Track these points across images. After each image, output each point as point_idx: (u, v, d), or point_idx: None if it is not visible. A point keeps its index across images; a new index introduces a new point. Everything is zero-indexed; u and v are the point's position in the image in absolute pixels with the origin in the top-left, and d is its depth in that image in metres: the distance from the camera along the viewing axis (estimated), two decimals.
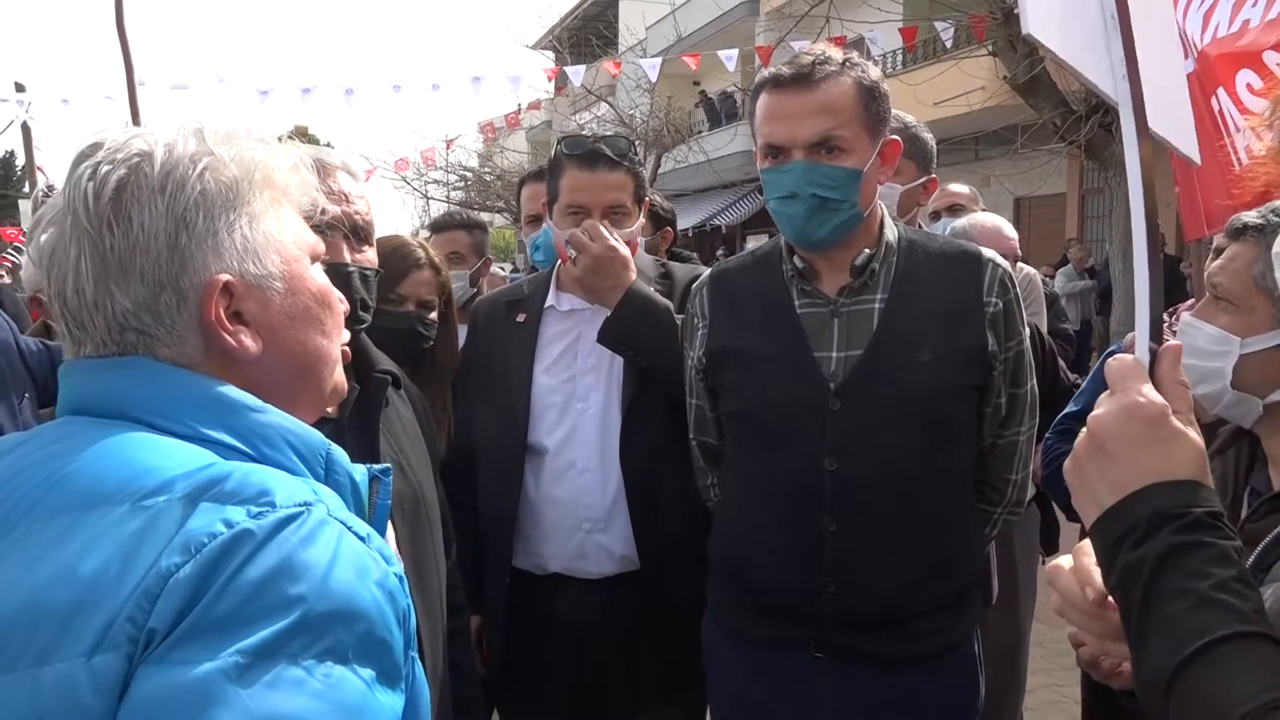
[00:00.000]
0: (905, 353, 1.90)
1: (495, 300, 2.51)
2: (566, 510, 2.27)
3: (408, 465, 1.74)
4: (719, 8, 20.85)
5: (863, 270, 1.95)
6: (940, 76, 12.84)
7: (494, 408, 2.35)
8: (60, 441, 0.91)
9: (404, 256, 2.32)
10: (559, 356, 2.36)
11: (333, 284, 1.03)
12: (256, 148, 1.00)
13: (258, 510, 0.81)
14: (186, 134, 0.96)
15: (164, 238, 0.92)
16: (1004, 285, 1.95)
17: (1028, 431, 2.05)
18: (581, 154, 2.27)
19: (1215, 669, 0.87)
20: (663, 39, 22.11)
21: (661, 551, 2.26)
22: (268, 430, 0.94)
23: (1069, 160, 13.33)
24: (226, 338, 0.94)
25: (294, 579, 0.79)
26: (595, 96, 20.73)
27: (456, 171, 26.26)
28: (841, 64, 1.90)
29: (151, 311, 0.93)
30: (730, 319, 2.06)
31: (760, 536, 1.97)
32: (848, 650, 1.91)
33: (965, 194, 4.19)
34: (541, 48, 26.48)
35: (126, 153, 0.94)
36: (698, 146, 21.70)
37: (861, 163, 1.89)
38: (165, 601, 0.76)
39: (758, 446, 2.01)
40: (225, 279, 0.94)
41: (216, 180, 0.95)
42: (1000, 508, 2.08)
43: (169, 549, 0.78)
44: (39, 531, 0.83)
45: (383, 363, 1.80)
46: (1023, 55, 8.92)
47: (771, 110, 1.91)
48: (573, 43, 25.01)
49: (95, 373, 0.94)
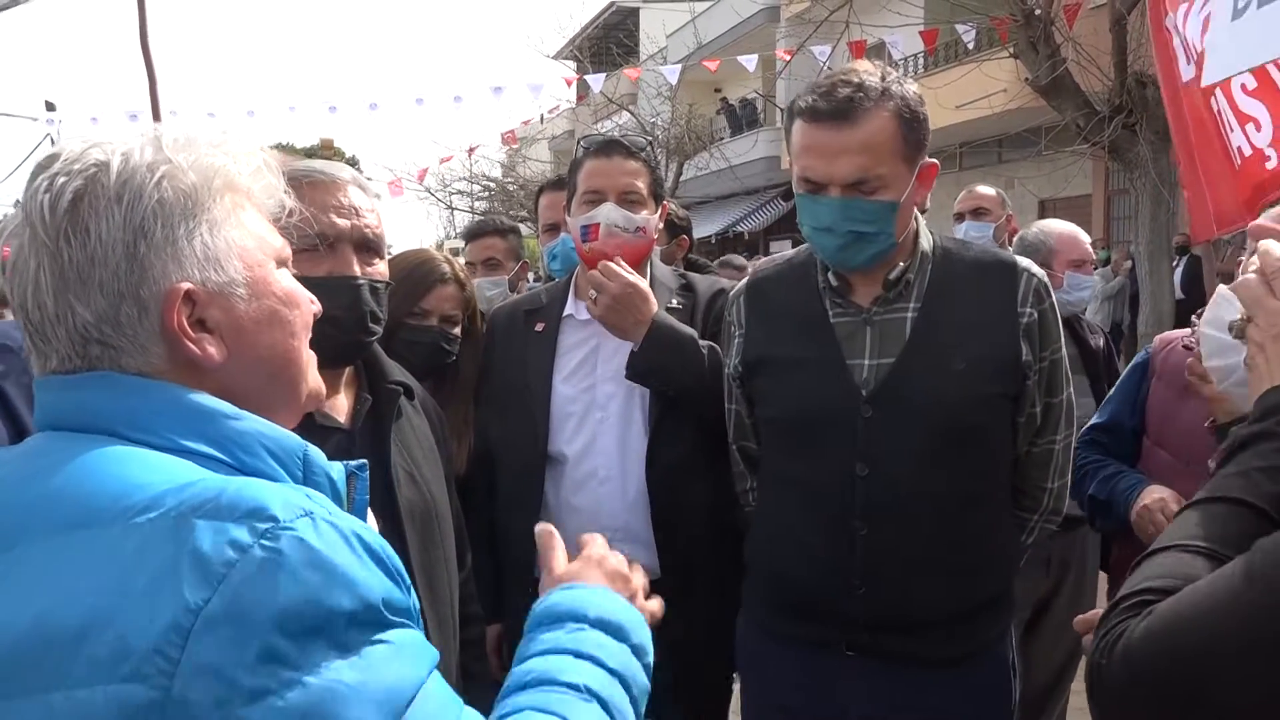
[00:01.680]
0: (938, 361, 1.90)
1: (514, 309, 2.52)
2: (586, 519, 2.27)
3: (419, 476, 1.75)
4: (738, 15, 20.88)
5: (896, 283, 1.96)
6: (962, 79, 12.79)
7: (513, 417, 2.36)
8: (43, 458, 0.91)
9: (429, 271, 2.33)
10: (578, 365, 2.36)
11: (343, 297, 1.03)
12: (215, 154, 0.98)
13: (263, 528, 0.81)
14: (144, 143, 0.96)
15: (122, 248, 0.91)
16: (1039, 294, 1.95)
17: (1064, 439, 2.04)
18: (599, 145, 2.35)
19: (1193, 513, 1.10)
20: (683, 47, 22.14)
21: (683, 561, 2.26)
22: (244, 437, 0.93)
23: (1093, 162, 13.22)
24: (190, 346, 0.94)
25: (326, 588, 0.81)
26: (617, 105, 20.78)
27: (480, 182, 26.42)
28: (881, 93, 1.85)
29: (113, 323, 0.92)
30: (765, 327, 2.08)
31: (793, 538, 2.01)
32: (877, 650, 1.93)
33: (991, 196, 4.13)
34: (563, 58, 26.60)
35: (83, 163, 0.93)
36: (719, 153, 21.70)
37: (899, 195, 1.88)
38: (204, 639, 0.76)
39: (791, 452, 2.03)
40: (186, 287, 0.93)
41: (175, 188, 0.94)
42: (1037, 515, 2.08)
43: (188, 580, 0.78)
44: (35, 554, 0.83)
45: (395, 374, 1.81)
46: (1044, 57, 8.86)
47: (808, 144, 1.89)
48: (594, 52, 25.09)
49: (65, 390, 0.94)
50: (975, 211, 4.07)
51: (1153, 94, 8.50)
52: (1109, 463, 2.52)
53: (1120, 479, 2.43)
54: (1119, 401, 2.57)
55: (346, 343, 1.67)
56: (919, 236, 2.00)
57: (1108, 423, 2.59)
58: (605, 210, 2.27)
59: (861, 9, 10.68)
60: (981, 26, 11.07)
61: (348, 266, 1.68)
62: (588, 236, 2.31)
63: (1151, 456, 2.47)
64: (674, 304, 2.37)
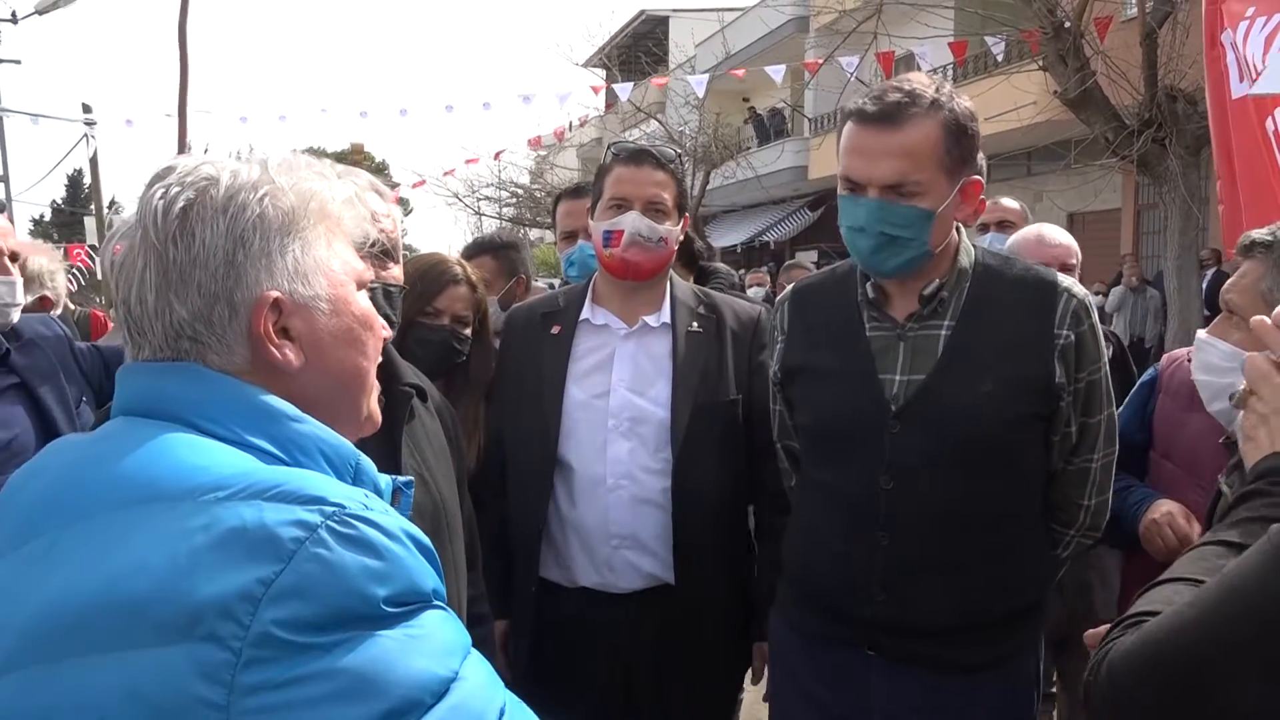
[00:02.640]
0: (968, 381, 1.91)
1: (531, 311, 2.54)
2: (594, 525, 2.29)
3: (430, 477, 1.79)
4: (766, 25, 20.86)
5: (931, 299, 1.97)
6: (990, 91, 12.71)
7: (525, 418, 2.39)
8: (118, 440, 0.98)
9: (441, 273, 2.38)
10: (592, 370, 2.38)
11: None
12: (314, 179, 1.08)
13: (330, 511, 0.89)
14: (252, 163, 1.05)
15: (222, 254, 1.00)
16: (1078, 316, 1.94)
17: (1103, 458, 2.03)
18: (630, 153, 2.39)
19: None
20: (712, 56, 22.17)
21: (696, 570, 2.28)
22: (304, 440, 1.00)
23: (1123, 175, 13.11)
24: (273, 350, 1.02)
25: (384, 569, 0.88)
26: (645, 114, 20.83)
27: (508, 188, 26.55)
28: (930, 103, 1.87)
29: (205, 321, 1.00)
30: (805, 335, 2.12)
31: (820, 541, 2.05)
32: (898, 652, 1.97)
33: (1015, 209, 4.13)
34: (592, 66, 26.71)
35: (195, 176, 1.02)
36: (746, 162, 21.70)
37: (936, 204, 1.89)
38: (273, 608, 0.83)
39: (822, 458, 2.08)
40: (275, 295, 1.01)
41: (275, 206, 1.03)
42: (1074, 529, 2.08)
43: (259, 555, 0.85)
44: (104, 525, 0.90)
45: (408, 376, 1.84)
46: (1073, 70, 8.80)
47: (853, 144, 1.92)
48: (622, 61, 25.17)
49: (151, 375, 1.02)
50: (1000, 224, 4.07)
51: (1183, 108, 8.44)
52: (1119, 476, 2.50)
53: (1129, 493, 2.43)
54: (1128, 417, 2.57)
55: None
56: (959, 252, 2.00)
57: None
58: (630, 219, 2.30)
59: (890, 20, 10.67)
60: (1011, 38, 11.01)
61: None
62: (609, 242, 2.33)
63: (1159, 469, 2.47)
64: (694, 327, 2.38)
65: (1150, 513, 2.32)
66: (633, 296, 2.40)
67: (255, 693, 0.82)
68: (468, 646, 0.95)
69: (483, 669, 0.95)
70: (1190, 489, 2.26)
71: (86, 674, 0.83)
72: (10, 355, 2.44)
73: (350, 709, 0.84)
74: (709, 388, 2.33)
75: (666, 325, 2.39)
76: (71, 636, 0.85)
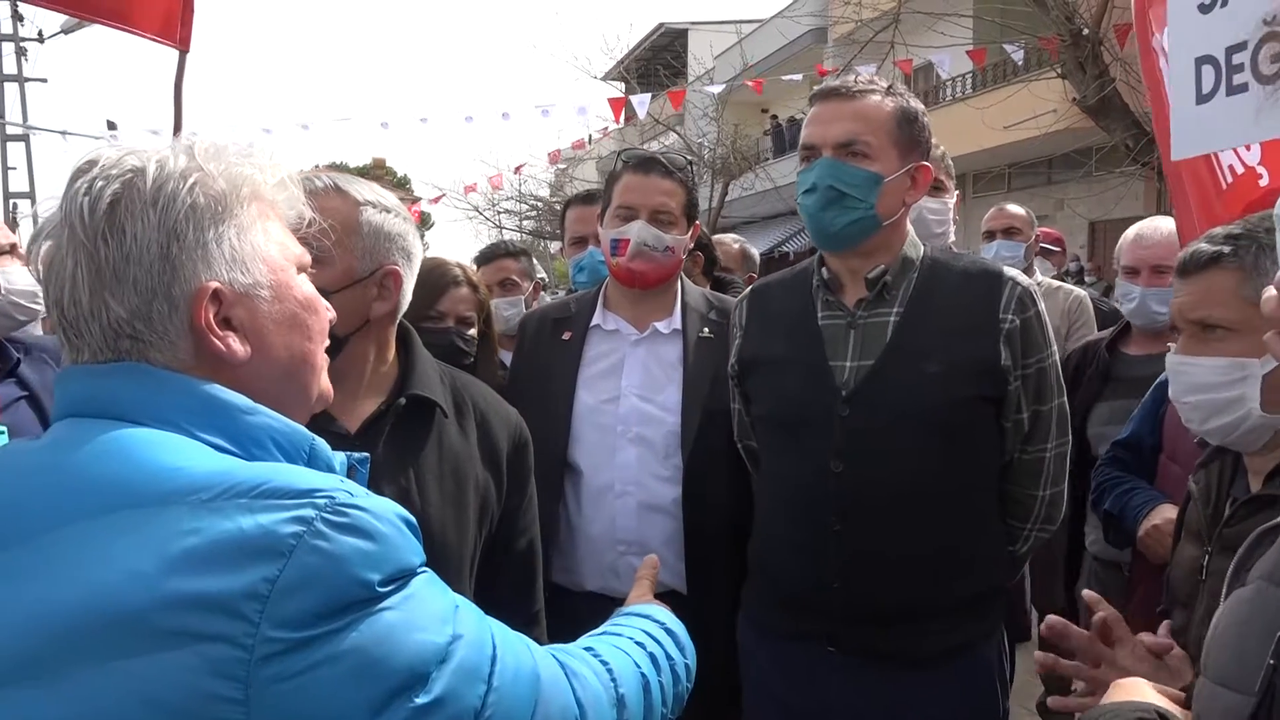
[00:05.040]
0: (914, 364, 1.96)
1: (543, 316, 2.56)
2: (601, 530, 2.29)
3: (418, 496, 1.62)
4: (784, 36, 20.89)
5: (876, 283, 2.02)
6: (1010, 99, 12.68)
7: (535, 423, 2.38)
8: (69, 444, 0.95)
9: (442, 275, 2.39)
10: (602, 376, 2.38)
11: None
12: (244, 164, 1.05)
13: (322, 503, 0.89)
14: (177, 151, 1.02)
15: (156, 249, 0.97)
16: (1023, 302, 1.99)
17: (1056, 448, 2.05)
18: (638, 161, 2.40)
19: None
20: (730, 68, 22.22)
21: (707, 577, 2.27)
22: (256, 431, 0.99)
23: (1144, 183, 13.03)
24: (216, 342, 0.99)
25: (377, 551, 0.90)
26: (664, 126, 20.89)
27: (528, 201, 26.68)
28: (887, 89, 2.02)
29: (144, 319, 0.97)
30: (761, 329, 2.17)
31: (778, 533, 2.09)
32: (856, 645, 1.98)
33: (1022, 216, 4.10)
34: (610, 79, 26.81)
35: (120, 169, 0.99)
36: (765, 173, 21.70)
37: (885, 171, 1.98)
38: (280, 605, 0.84)
39: (778, 448, 2.12)
40: (214, 286, 0.99)
41: (206, 194, 1.00)
42: (1029, 524, 2.09)
43: (260, 555, 0.85)
44: (82, 534, 0.88)
45: (418, 388, 1.68)
46: (1092, 77, 8.78)
47: (811, 116, 2.06)
48: (641, 73, 25.26)
49: (95, 378, 0.98)
50: (1007, 231, 4.05)
51: None
52: (1126, 479, 2.52)
53: (1134, 495, 2.43)
54: (1140, 420, 2.58)
55: (334, 349, 1.61)
56: (906, 244, 2.06)
57: (1129, 440, 2.60)
58: (636, 228, 2.31)
59: (908, 30, 10.67)
60: (1030, 46, 10.98)
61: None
62: (617, 251, 2.34)
63: (1166, 471, 2.47)
64: (705, 333, 2.38)
65: (1151, 518, 2.33)
66: (643, 302, 2.41)
67: (271, 684, 0.83)
68: (455, 602, 0.98)
69: (471, 620, 0.99)
70: None
71: (92, 688, 0.83)
72: (20, 366, 2.46)
73: (362, 689, 0.86)
74: (720, 394, 2.32)
75: (677, 331, 2.39)
76: (64, 652, 0.84)
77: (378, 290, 1.63)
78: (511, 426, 1.84)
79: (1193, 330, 1.51)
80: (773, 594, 2.11)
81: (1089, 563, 2.97)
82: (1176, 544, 1.72)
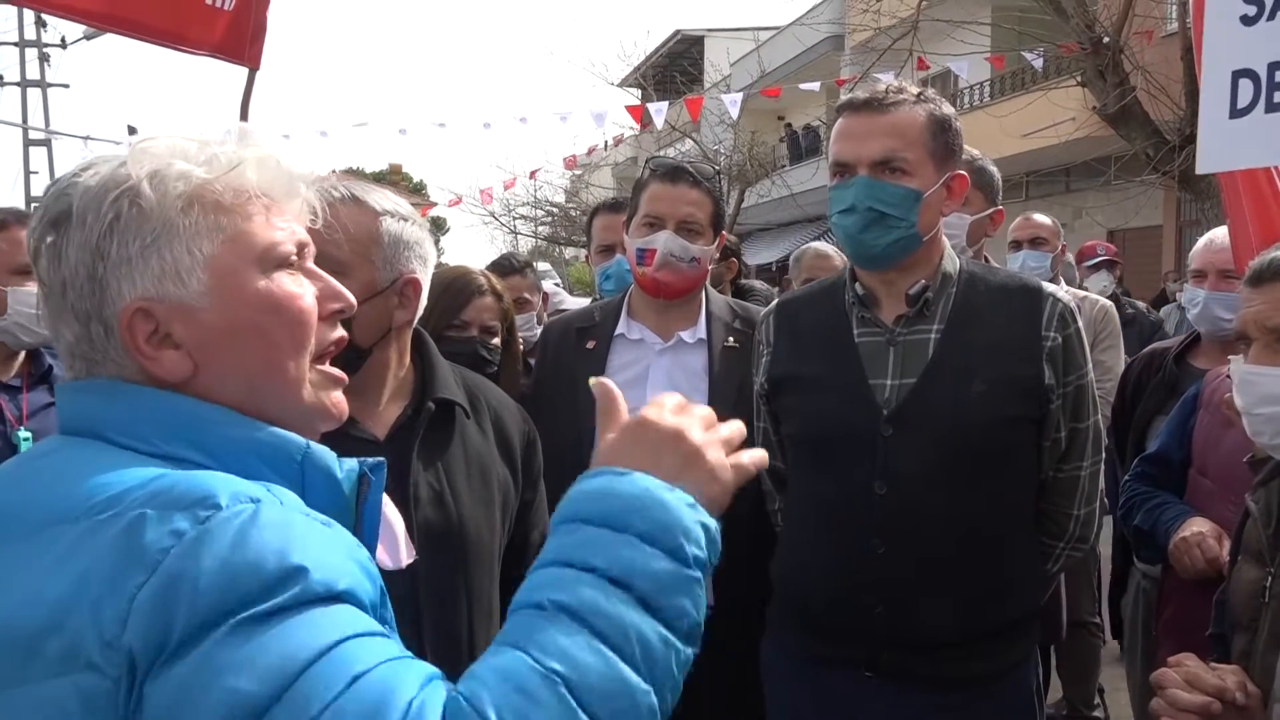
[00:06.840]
0: (958, 383, 1.92)
1: (567, 325, 2.56)
2: None
3: (451, 498, 1.66)
4: (802, 44, 20.87)
5: (917, 300, 1.98)
6: (1029, 107, 12.63)
7: (559, 432, 2.38)
8: (38, 461, 0.96)
9: (466, 284, 2.39)
10: (626, 386, 2.34)
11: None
12: (181, 163, 0.96)
13: (205, 514, 0.83)
14: (113, 163, 0.96)
15: (84, 270, 0.93)
16: (1064, 320, 1.95)
17: (1091, 466, 2.02)
18: (666, 170, 2.38)
19: None
20: (747, 75, 22.20)
21: (734, 590, 2.26)
22: (233, 443, 0.94)
23: (1164, 192, 12.96)
24: (146, 362, 0.94)
25: (249, 566, 0.81)
26: (680, 133, 20.89)
27: (544, 207, 26.72)
28: (916, 96, 1.96)
29: (88, 341, 0.95)
30: (792, 345, 2.11)
31: (814, 556, 2.02)
32: (897, 670, 1.93)
33: (1048, 225, 4.07)
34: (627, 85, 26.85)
35: (61, 188, 0.96)
36: (781, 180, 21.67)
37: (924, 187, 1.93)
38: (135, 622, 0.79)
39: (813, 469, 2.06)
40: (139, 305, 0.93)
41: (133, 203, 0.93)
42: (1063, 542, 2.06)
43: (129, 567, 0.80)
44: (15, 554, 0.86)
45: (443, 391, 1.72)
46: (1112, 85, 8.72)
47: (842, 130, 1.99)
48: (658, 80, 25.27)
49: (73, 394, 0.98)
50: (1033, 240, 4.01)
51: None
52: (1156, 494, 2.49)
53: (1165, 510, 2.41)
54: (1169, 434, 2.55)
55: (349, 357, 1.59)
56: (944, 258, 2.02)
57: (1157, 454, 2.57)
58: (663, 238, 2.31)
59: (926, 37, 10.65)
60: (1049, 54, 10.94)
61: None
62: (643, 260, 2.34)
63: (1195, 485, 2.44)
64: (730, 342, 2.36)
65: (1181, 531, 2.29)
66: (668, 312, 2.41)
67: (141, 711, 0.78)
68: (323, 644, 0.83)
69: (350, 621, 0.86)
70: (1225, 505, 2.23)
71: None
72: (53, 373, 2.47)
73: (239, 708, 0.78)
74: (746, 403, 2.31)
75: (702, 341, 2.39)
76: None
77: (399, 299, 1.65)
78: (521, 423, 1.89)
79: (1267, 340, 1.49)
80: (804, 617, 2.05)
81: (1136, 577, 2.93)
82: (1233, 565, 1.68)
